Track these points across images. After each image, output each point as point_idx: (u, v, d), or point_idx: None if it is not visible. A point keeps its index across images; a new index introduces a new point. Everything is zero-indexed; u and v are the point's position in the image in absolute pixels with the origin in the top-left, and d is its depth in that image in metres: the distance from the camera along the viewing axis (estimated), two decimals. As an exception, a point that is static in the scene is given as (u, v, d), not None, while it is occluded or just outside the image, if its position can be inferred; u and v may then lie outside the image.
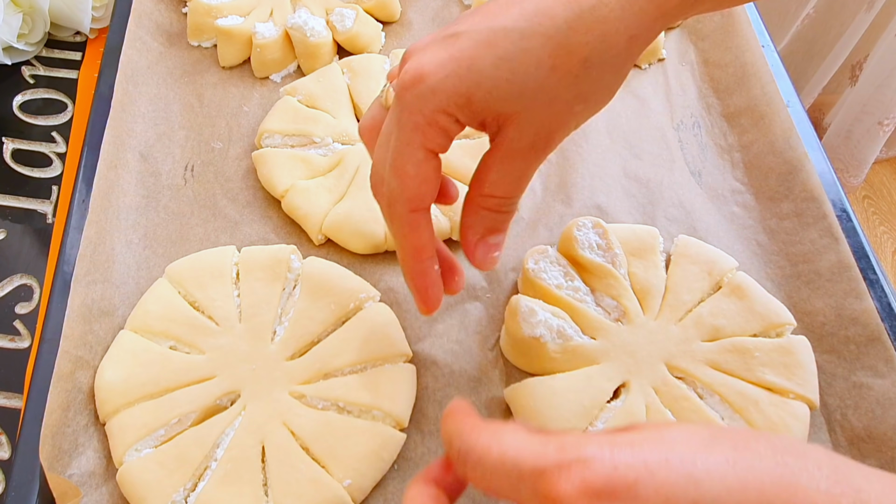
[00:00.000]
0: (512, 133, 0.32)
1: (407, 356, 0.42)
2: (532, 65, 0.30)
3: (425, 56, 0.31)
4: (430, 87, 0.31)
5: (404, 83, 0.31)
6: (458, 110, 0.31)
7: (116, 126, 0.49)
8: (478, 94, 0.30)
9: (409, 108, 0.31)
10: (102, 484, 0.38)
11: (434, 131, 0.32)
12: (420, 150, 0.32)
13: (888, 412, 0.40)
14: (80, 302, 0.42)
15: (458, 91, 0.30)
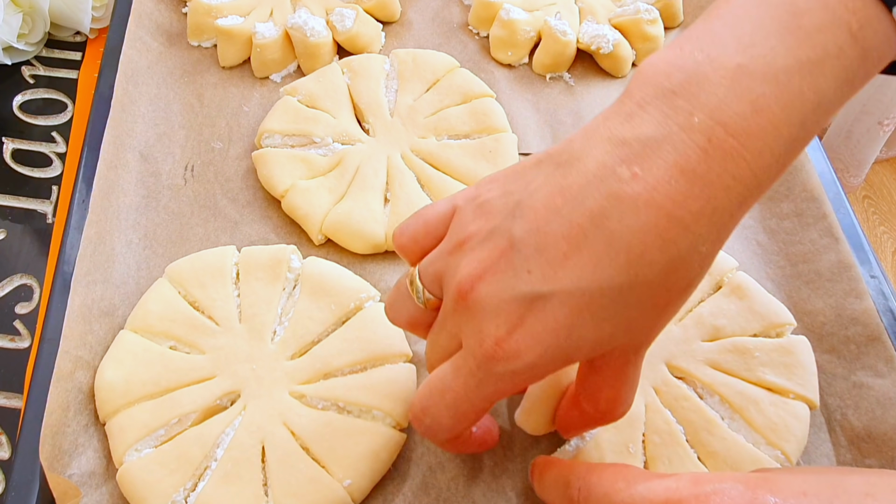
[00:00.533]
0: (615, 357, 0.30)
1: (407, 356, 0.42)
2: (635, 312, 0.28)
3: (508, 323, 0.28)
4: (527, 363, 0.28)
5: (490, 354, 0.28)
6: (554, 369, 0.29)
7: (116, 126, 0.49)
8: (577, 356, 0.29)
9: (496, 377, 0.29)
10: (102, 484, 0.38)
11: (516, 389, 0.30)
12: (490, 403, 0.31)
13: (888, 412, 0.40)
14: (80, 302, 0.42)
15: (556, 360, 0.28)
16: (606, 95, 0.56)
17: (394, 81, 0.54)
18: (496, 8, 0.57)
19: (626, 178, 0.26)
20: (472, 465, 0.39)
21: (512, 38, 0.56)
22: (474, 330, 0.29)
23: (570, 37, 0.55)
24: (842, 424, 0.41)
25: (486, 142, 0.50)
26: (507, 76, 0.57)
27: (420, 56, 0.54)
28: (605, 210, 0.27)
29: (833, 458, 0.40)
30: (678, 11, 0.61)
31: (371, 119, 0.51)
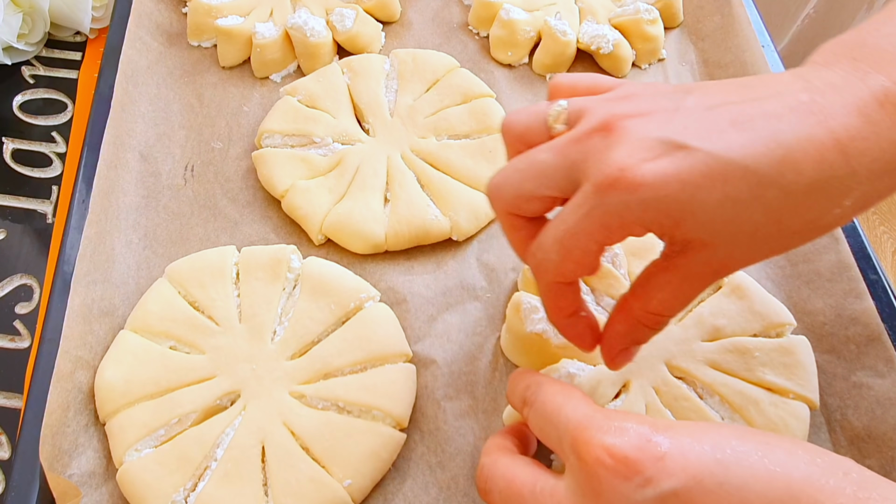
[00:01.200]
0: (702, 257, 0.30)
1: (407, 356, 0.42)
2: (759, 214, 0.28)
3: (643, 157, 0.28)
4: (643, 199, 0.28)
5: (610, 181, 0.28)
6: (658, 227, 0.29)
7: (116, 126, 0.49)
8: (689, 223, 0.28)
9: (606, 208, 0.28)
10: (102, 484, 0.38)
11: (621, 234, 0.30)
12: (596, 244, 0.30)
13: (888, 412, 0.40)
14: (80, 302, 0.42)
15: (669, 212, 0.28)
16: (606, 95, 0.56)
17: (394, 81, 0.54)
18: (496, 8, 0.57)
19: (805, 100, 0.28)
20: (471, 464, 0.39)
21: (512, 38, 0.56)
22: (603, 156, 0.29)
23: (570, 37, 0.55)
24: (842, 424, 0.41)
25: (486, 142, 0.50)
26: (507, 76, 0.57)
27: (420, 56, 0.54)
28: (779, 113, 0.28)
29: (833, 458, 0.40)
30: (678, 11, 0.61)
31: (371, 119, 0.51)
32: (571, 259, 0.31)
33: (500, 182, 0.33)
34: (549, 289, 0.33)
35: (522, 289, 0.44)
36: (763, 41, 0.58)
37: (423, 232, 0.46)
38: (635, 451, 0.26)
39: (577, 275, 0.32)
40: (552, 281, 0.33)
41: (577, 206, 0.30)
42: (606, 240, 0.30)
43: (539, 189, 0.32)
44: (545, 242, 0.31)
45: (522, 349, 0.42)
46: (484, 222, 0.48)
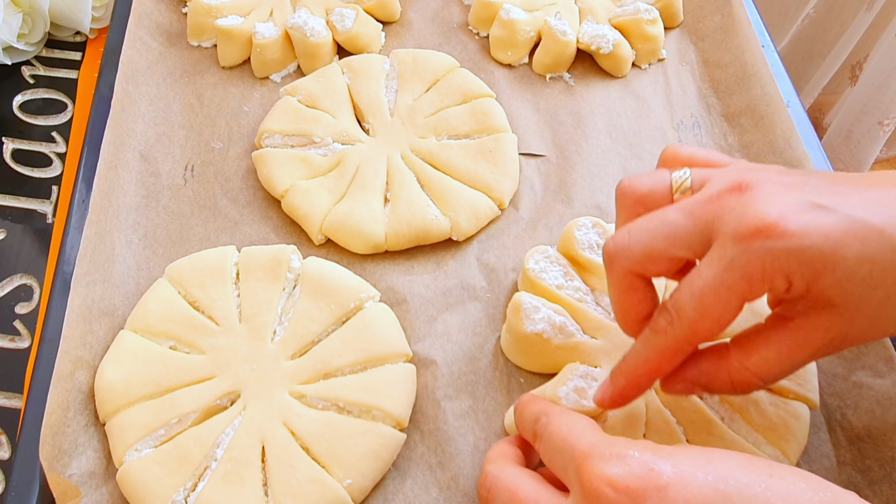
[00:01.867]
0: (822, 322, 0.30)
1: (407, 356, 0.42)
2: (891, 276, 0.28)
3: (787, 208, 0.29)
4: (789, 247, 0.28)
5: (755, 227, 0.29)
6: (799, 280, 0.29)
7: (116, 126, 0.49)
8: (827, 278, 0.29)
9: (750, 256, 0.29)
10: (102, 484, 0.38)
11: (762, 288, 0.29)
12: (737, 299, 0.30)
13: (888, 412, 0.40)
14: (80, 302, 0.42)
15: (812, 263, 0.28)
16: (606, 95, 0.56)
17: (394, 81, 0.54)
18: (496, 8, 0.57)
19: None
20: (471, 464, 0.39)
21: (512, 38, 0.56)
22: (741, 211, 0.29)
23: (570, 37, 0.55)
24: (842, 424, 0.41)
25: (487, 142, 0.50)
26: (507, 76, 0.57)
27: (420, 56, 0.54)
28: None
29: (833, 458, 0.40)
30: (678, 11, 0.61)
31: (371, 119, 0.51)
32: (710, 316, 0.30)
33: (626, 241, 0.33)
34: (673, 352, 0.32)
35: (522, 289, 0.44)
36: (763, 41, 0.58)
37: (423, 232, 0.46)
38: (637, 480, 0.26)
39: (710, 335, 0.31)
40: (679, 341, 0.32)
41: (715, 260, 0.30)
42: (747, 293, 0.30)
43: (670, 248, 0.32)
44: (681, 298, 0.31)
45: (522, 349, 0.42)
46: (484, 222, 0.48)
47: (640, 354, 0.33)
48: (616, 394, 0.35)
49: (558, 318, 0.41)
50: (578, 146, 0.53)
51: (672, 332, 0.32)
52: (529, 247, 0.46)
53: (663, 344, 0.32)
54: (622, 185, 0.35)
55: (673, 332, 0.32)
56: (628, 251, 0.33)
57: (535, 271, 0.43)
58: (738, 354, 0.32)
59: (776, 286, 0.29)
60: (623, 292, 0.34)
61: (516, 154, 0.50)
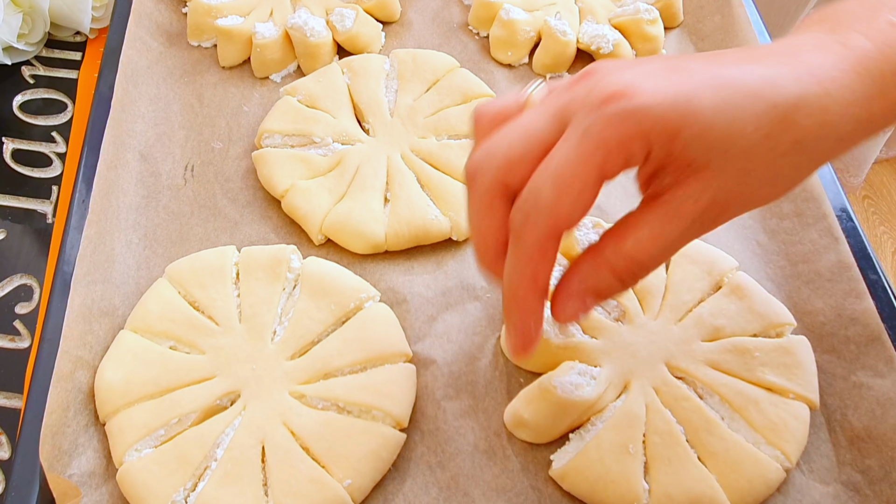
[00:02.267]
0: (690, 190, 0.29)
1: (407, 356, 0.42)
2: (751, 124, 0.28)
3: (635, 75, 0.28)
4: (640, 105, 0.27)
5: (606, 94, 0.28)
6: (657, 141, 0.28)
7: (116, 126, 0.49)
8: (687, 132, 0.27)
9: (603, 122, 0.27)
10: (102, 484, 0.38)
11: (619, 157, 0.28)
12: (595, 171, 0.28)
13: (888, 412, 0.40)
14: (80, 302, 0.42)
15: (668, 119, 0.27)
16: (606, 95, 0.56)
17: (394, 81, 0.54)
18: (496, 8, 0.57)
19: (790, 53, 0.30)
20: (471, 465, 0.39)
21: (512, 38, 0.56)
22: (594, 89, 0.28)
23: (570, 37, 0.55)
24: (842, 424, 0.41)
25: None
26: (507, 76, 0.57)
27: (420, 56, 0.54)
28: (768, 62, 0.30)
29: (833, 457, 0.40)
30: (678, 11, 0.61)
31: (371, 119, 0.51)
32: (569, 194, 0.28)
33: (484, 155, 0.31)
34: (534, 242, 0.29)
35: (522, 289, 0.44)
36: (763, 41, 0.58)
37: (423, 232, 0.46)
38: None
39: (573, 216, 0.29)
40: (544, 231, 0.29)
41: (570, 134, 0.28)
42: (605, 163, 0.28)
43: (530, 149, 0.30)
44: (536, 184, 0.29)
45: (522, 349, 0.42)
46: (484, 222, 0.48)
47: (512, 272, 0.30)
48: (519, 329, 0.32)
49: (558, 318, 0.41)
50: (578, 146, 0.52)
51: (534, 225, 0.29)
52: (529, 247, 0.46)
53: (530, 244, 0.29)
54: (476, 109, 0.33)
55: (535, 225, 0.29)
56: (488, 163, 0.30)
57: (535, 271, 0.43)
58: (613, 244, 0.30)
59: (634, 153, 0.28)
60: (484, 213, 0.31)
61: (516, 154, 0.50)
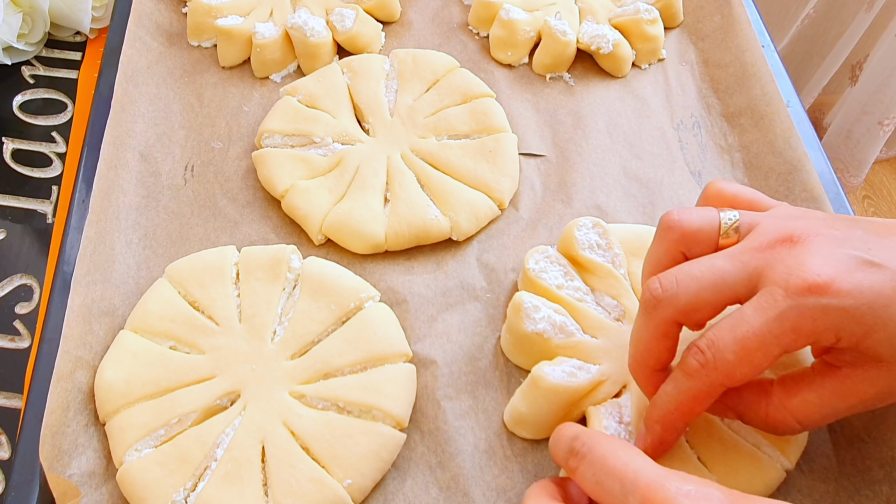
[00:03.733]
0: (869, 375, 0.31)
1: (407, 356, 0.42)
2: None
3: (837, 269, 0.29)
4: (841, 306, 0.29)
5: (807, 284, 0.29)
6: (848, 336, 0.30)
7: (116, 126, 0.49)
8: (878, 335, 0.29)
9: (801, 312, 0.29)
10: (102, 484, 0.38)
11: (807, 342, 0.30)
12: (780, 348, 0.30)
13: (888, 412, 0.40)
14: (80, 302, 0.42)
15: (863, 322, 0.29)
16: (606, 95, 0.56)
17: (394, 81, 0.54)
18: (496, 8, 0.57)
19: None
20: (471, 464, 0.39)
21: (512, 38, 0.56)
22: (793, 263, 0.30)
23: (570, 37, 0.55)
24: (842, 424, 0.41)
25: (487, 142, 0.50)
26: (507, 76, 0.57)
27: (420, 56, 0.54)
28: None
29: (833, 457, 0.40)
30: (678, 11, 0.61)
31: (371, 119, 0.51)
32: (750, 362, 0.30)
33: (674, 287, 0.33)
34: (702, 395, 0.32)
35: (522, 289, 0.44)
36: (763, 41, 0.58)
37: (423, 232, 0.46)
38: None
39: (743, 380, 0.31)
40: (714, 383, 0.31)
41: (764, 309, 0.30)
42: (792, 344, 0.30)
43: (717, 297, 0.32)
44: (720, 342, 0.31)
45: (522, 349, 0.42)
46: (484, 222, 0.48)
47: (672, 398, 0.33)
48: (656, 442, 0.35)
49: (558, 318, 0.41)
50: (578, 146, 0.53)
51: (706, 376, 0.31)
52: (529, 247, 0.46)
53: (696, 388, 0.32)
54: (671, 217, 0.35)
55: (707, 376, 0.31)
56: (675, 298, 0.32)
57: (535, 271, 0.43)
58: (781, 393, 0.33)
59: (822, 340, 0.30)
60: (658, 339, 0.34)
61: (516, 154, 0.50)
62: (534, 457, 0.40)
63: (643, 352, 0.35)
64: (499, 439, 0.40)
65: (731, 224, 0.34)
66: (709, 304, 0.32)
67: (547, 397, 0.39)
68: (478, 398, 0.42)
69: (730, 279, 0.32)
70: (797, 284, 0.29)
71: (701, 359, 0.31)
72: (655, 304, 0.33)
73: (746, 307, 0.31)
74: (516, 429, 0.40)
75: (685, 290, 0.32)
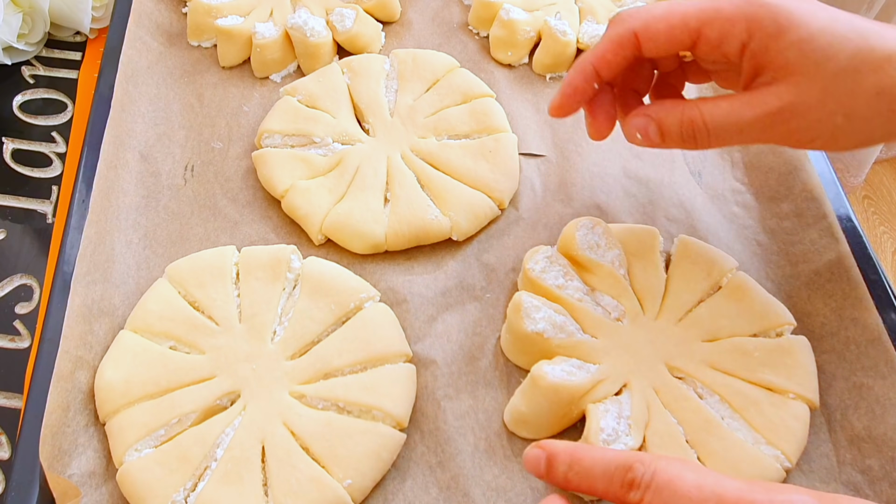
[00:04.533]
0: (775, 89, 0.34)
1: (407, 356, 0.42)
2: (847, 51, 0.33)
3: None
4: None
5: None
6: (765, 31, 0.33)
7: (116, 126, 0.49)
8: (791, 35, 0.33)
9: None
10: (102, 484, 0.38)
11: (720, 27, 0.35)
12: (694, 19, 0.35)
13: (888, 412, 0.40)
14: (80, 302, 0.42)
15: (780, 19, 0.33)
16: (606, 95, 0.56)
17: (394, 81, 0.54)
18: (496, 8, 0.57)
19: None
20: (471, 465, 0.39)
21: (512, 38, 0.56)
22: None
23: (570, 37, 0.55)
24: (842, 424, 0.41)
25: (487, 142, 0.50)
26: (507, 76, 0.57)
27: (420, 56, 0.54)
28: None
29: (833, 458, 0.40)
30: (678, 11, 0.60)
31: (371, 119, 0.51)
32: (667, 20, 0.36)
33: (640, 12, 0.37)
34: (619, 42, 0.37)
35: (522, 288, 0.44)
36: (763, 41, 0.58)
37: (423, 232, 0.46)
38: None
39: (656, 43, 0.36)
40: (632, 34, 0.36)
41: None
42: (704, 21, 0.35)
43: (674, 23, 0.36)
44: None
45: (522, 348, 0.42)
46: (484, 222, 0.48)
47: (593, 50, 0.38)
48: (564, 86, 0.39)
49: (558, 318, 0.41)
50: (578, 146, 0.53)
51: (621, 22, 0.37)
52: (529, 247, 0.46)
53: (616, 33, 0.37)
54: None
55: (622, 22, 0.37)
56: (638, 13, 0.37)
57: (535, 271, 0.43)
58: (695, 101, 0.37)
59: (735, 34, 0.34)
60: (613, 43, 0.38)
61: (516, 154, 0.50)
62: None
63: (592, 51, 0.38)
64: (499, 439, 0.40)
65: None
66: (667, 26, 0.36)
67: (547, 396, 0.39)
68: (478, 398, 0.42)
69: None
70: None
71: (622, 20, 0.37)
72: (620, 19, 0.38)
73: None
74: (516, 429, 0.40)
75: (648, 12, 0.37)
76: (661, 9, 0.36)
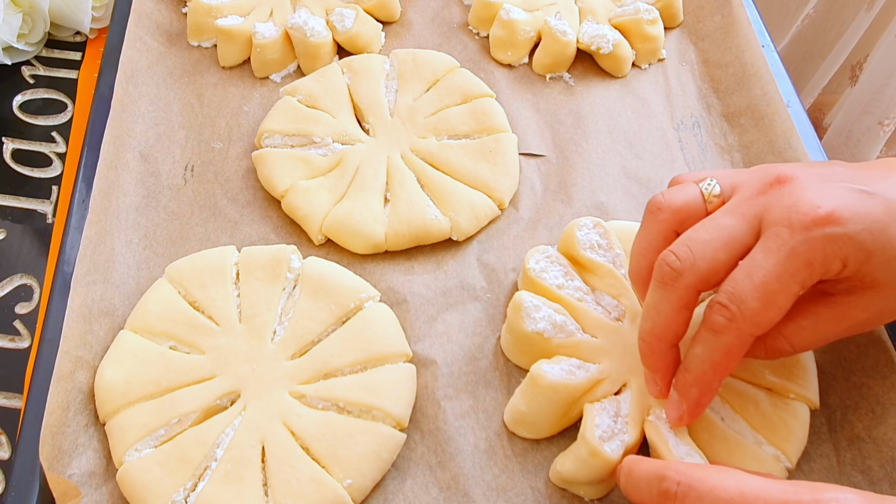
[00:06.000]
0: (863, 301, 0.32)
1: (407, 356, 0.42)
2: None
3: (836, 200, 0.31)
4: (846, 233, 0.30)
5: (811, 218, 0.30)
6: (853, 262, 0.31)
7: (116, 126, 0.49)
8: (880, 257, 0.31)
9: (811, 245, 0.30)
10: (102, 484, 0.38)
11: (819, 273, 0.31)
12: (797, 286, 0.31)
13: (888, 412, 0.40)
14: (80, 302, 0.42)
15: (865, 246, 0.30)
16: (606, 95, 0.56)
17: (394, 81, 0.54)
18: (496, 8, 0.57)
19: None
20: (471, 465, 0.39)
21: (512, 38, 0.56)
22: (790, 202, 0.31)
23: (570, 37, 0.55)
24: (842, 424, 0.41)
25: (487, 142, 0.50)
26: (507, 76, 0.57)
27: (420, 56, 0.54)
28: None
29: (833, 458, 0.40)
30: (678, 11, 0.61)
31: (371, 119, 0.51)
32: (775, 304, 0.31)
33: (690, 256, 0.33)
34: (731, 344, 0.32)
35: (523, 288, 0.44)
36: (763, 41, 0.58)
37: (423, 232, 0.46)
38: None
39: (771, 324, 0.32)
40: (744, 335, 0.32)
41: (774, 249, 0.30)
42: (808, 279, 0.31)
43: (731, 254, 0.32)
44: (741, 292, 0.31)
45: (522, 348, 0.42)
46: (484, 222, 0.48)
47: (705, 359, 0.33)
48: (692, 405, 0.35)
49: (559, 318, 0.41)
50: (578, 146, 0.53)
51: (736, 328, 0.32)
52: (529, 247, 0.46)
53: (727, 342, 0.32)
54: (656, 200, 0.36)
55: (737, 328, 0.31)
56: (695, 266, 0.33)
57: (535, 271, 0.43)
58: (779, 327, 0.33)
59: (832, 269, 0.31)
60: (680, 311, 0.34)
61: (516, 154, 0.50)
62: (534, 457, 0.40)
63: (663, 326, 0.34)
64: (499, 439, 0.40)
65: (712, 189, 0.35)
66: (725, 263, 0.32)
67: (546, 395, 0.39)
68: (478, 398, 0.42)
69: (737, 233, 0.32)
70: (800, 220, 0.30)
71: (726, 314, 0.31)
72: (676, 276, 0.33)
73: (755, 253, 0.31)
74: (516, 428, 0.40)
75: (702, 255, 0.33)
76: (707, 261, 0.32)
